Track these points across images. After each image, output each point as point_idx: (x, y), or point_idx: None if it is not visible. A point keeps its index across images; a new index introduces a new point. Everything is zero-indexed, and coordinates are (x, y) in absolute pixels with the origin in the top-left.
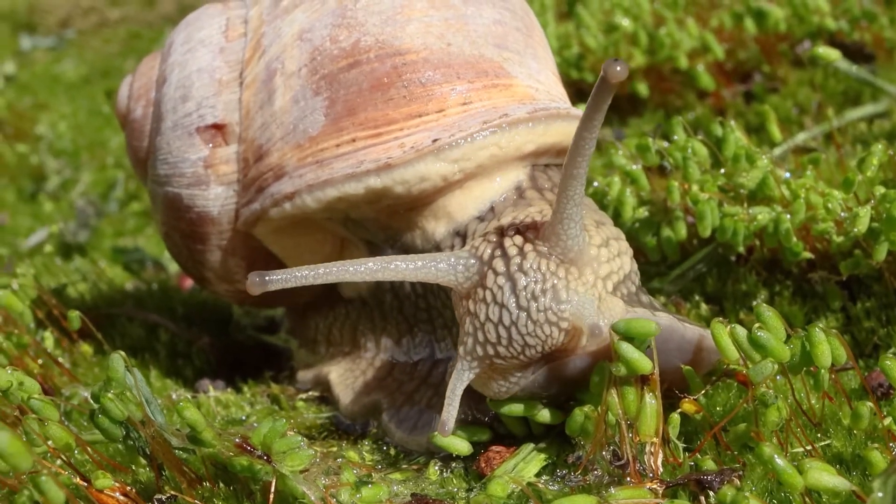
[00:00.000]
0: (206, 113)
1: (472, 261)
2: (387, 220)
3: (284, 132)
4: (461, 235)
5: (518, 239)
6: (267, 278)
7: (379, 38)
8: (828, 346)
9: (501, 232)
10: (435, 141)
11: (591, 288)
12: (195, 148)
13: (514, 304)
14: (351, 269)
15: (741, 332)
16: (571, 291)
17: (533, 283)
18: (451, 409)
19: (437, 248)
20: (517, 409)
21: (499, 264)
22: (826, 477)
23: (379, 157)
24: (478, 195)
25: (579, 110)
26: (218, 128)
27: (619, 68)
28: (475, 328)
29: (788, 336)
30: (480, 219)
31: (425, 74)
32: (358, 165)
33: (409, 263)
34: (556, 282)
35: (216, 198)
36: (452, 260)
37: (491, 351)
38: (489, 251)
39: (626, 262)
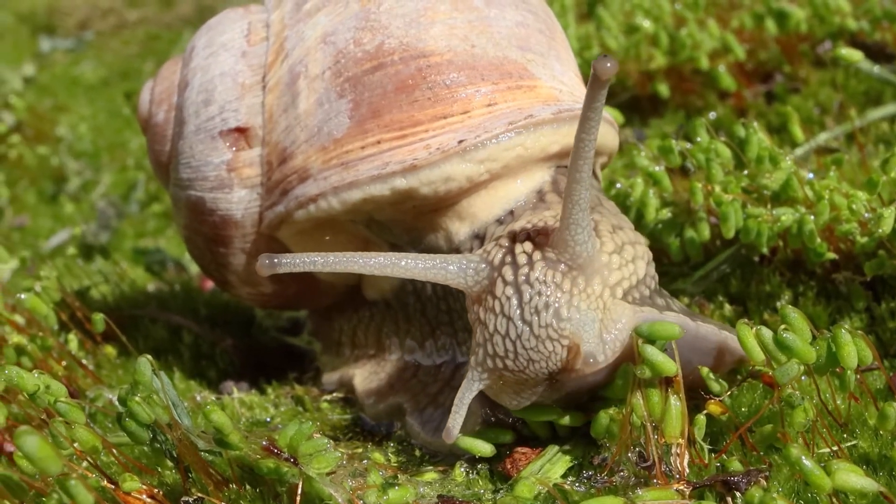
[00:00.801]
0: (228, 116)
1: (483, 265)
2: (411, 221)
3: (309, 135)
4: (480, 238)
5: (528, 245)
6: (276, 261)
7: (403, 41)
8: (854, 346)
9: (514, 237)
10: (461, 142)
11: (596, 299)
12: (218, 151)
13: (518, 317)
14: (360, 261)
15: (767, 333)
16: (573, 308)
17: (537, 297)
18: (458, 417)
19: (458, 250)
20: (540, 413)
21: (508, 272)
22: (854, 478)
23: (404, 158)
24: (502, 195)
25: (604, 111)
26: (241, 131)
27: (609, 64)
28: (485, 339)
29: (814, 337)
30: (500, 222)
31: (450, 76)
32: (383, 167)
33: (419, 262)
34: (559, 296)
35: (239, 201)
36: (463, 263)
37: (500, 364)
38: (500, 257)
39: (640, 268)
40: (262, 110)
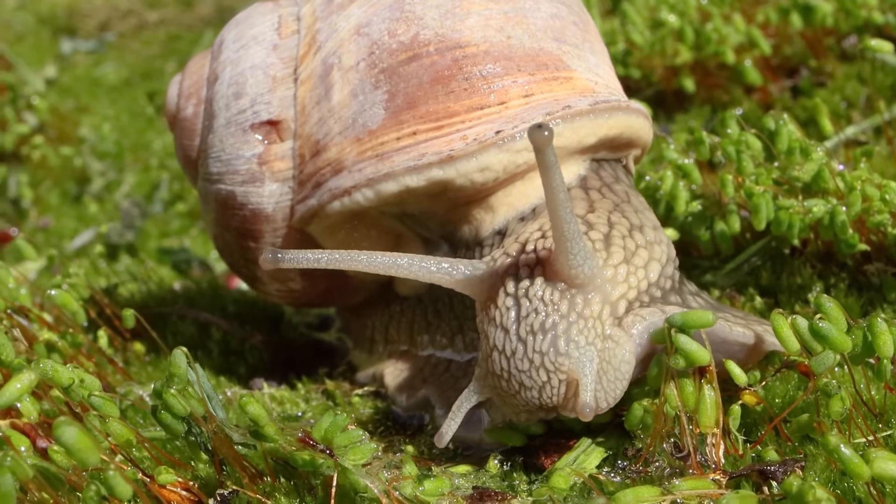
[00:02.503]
0: (260, 109)
1: (488, 274)
2: (446, 214)
3: (343, 126)
4: (501, 234)
5: (532, 258)
6: (279, 256)
7: (438, 32)
8: (890, 336)
9: (522, 247)
10: (498, 132)
11: (594, 323)
12: (249, 145)
13: (514, 332)
14: (364, 259)
15: (802, 323)
16: (572, 343)
17: (533, 314)
18: (452, 424)
19: (481, 245)
20: None
21: (510, 283)
22: (892, 466)
23: (441, 149)
24: (538, 186)
25: (639, 104)
26: (273, 124)
27: (545, 133)
28: (485, 355)
29: (849, 326)
30: (522, 219)
31: (486, 67)
32: (420, 158)
33: (424, 263)
34: (556, 320)
35: (271, 195)
36: (470, 269)
37: (496, 383)
38: (504, 266)
39: (653, 271)
40: (294, 103)
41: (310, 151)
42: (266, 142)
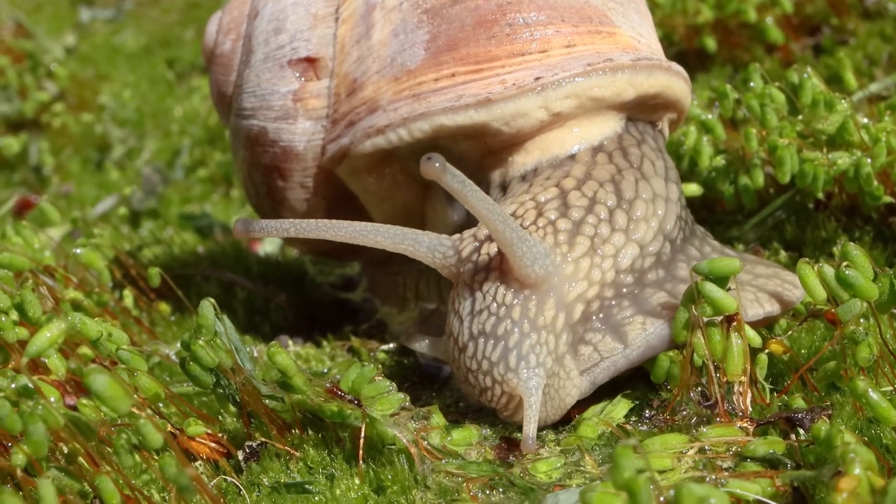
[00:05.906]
0: (299, 46)
1: (452, 252)
2: (479, 159)
3: (381, 65)
4: (503, 188)
5: (493, 248)
6: (252, 226)
7: None
8: None
9: (488, 235)
10: (538, 79)
11: (546, 336)
12: (285, 80)
13: (467, 325)
14: (333, 229)
15: (829, 271)
16: (522, 362)
17: (486, 312)
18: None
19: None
20: None
21: (469, 270)
22: None
23: (479, 92)
24: (576, 136)
25: (680, 67)
26: (311, 61)
27: (437, 164)
28: (445, 336)
29: (876, 274)
30: (523, 178)
31: (530, 15)
32: (457, 100)
33: (392, 231)
34: (508, 327)
35: (303, 132)
36: (435, 242)
37: (451, 366)
38: (468, 251)
39: (626, 256)
40: (333, 41)
41: (346, 90)
42: (303, 79)
